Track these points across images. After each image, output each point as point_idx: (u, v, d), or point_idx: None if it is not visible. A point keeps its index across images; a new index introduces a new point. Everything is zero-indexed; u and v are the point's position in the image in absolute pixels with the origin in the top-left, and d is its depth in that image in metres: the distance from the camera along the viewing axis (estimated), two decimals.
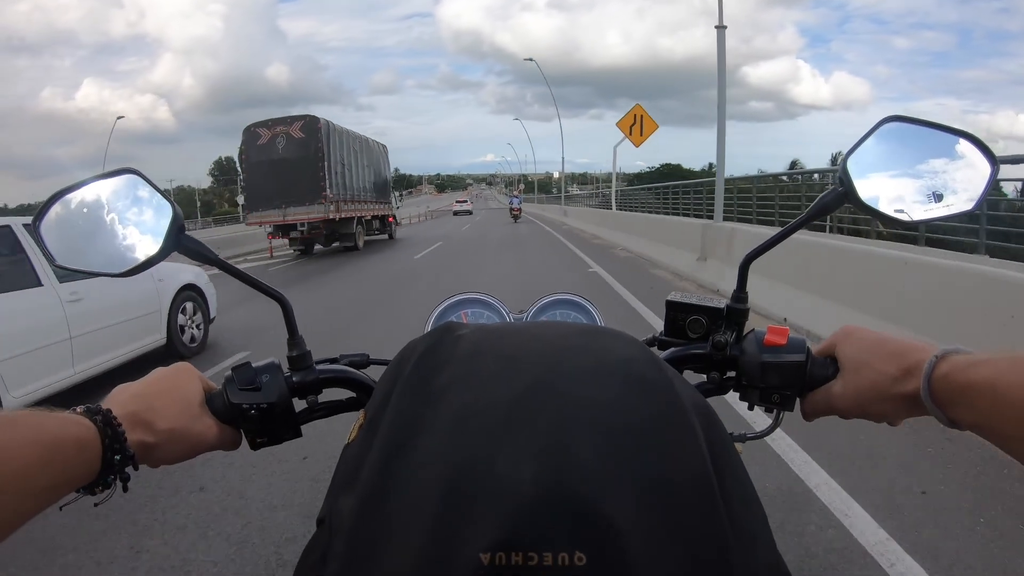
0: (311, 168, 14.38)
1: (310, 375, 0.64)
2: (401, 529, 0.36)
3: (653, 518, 0.35)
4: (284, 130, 14.55)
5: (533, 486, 0.35)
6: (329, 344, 8.67)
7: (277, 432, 0.62)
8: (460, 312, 0.87)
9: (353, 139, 17.12)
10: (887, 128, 0.59)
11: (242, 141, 15.16)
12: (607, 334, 0.53)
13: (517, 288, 8.46)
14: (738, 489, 0.42)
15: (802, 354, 0.59)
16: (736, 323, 0.65)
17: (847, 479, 2.79)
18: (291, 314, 0.66)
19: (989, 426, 0.44)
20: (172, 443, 0.56)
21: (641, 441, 0.39)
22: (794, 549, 2.29)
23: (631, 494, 0.36)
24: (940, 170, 0.57)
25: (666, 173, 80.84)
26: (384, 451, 0.40)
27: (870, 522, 2.42)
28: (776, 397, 0.60)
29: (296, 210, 14.37)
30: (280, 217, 14.32)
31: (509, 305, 0.89)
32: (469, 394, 0.43)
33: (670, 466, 0.38)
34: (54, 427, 0.43)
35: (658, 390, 0.43)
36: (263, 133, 14.83)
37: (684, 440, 0.40)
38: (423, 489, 0.37)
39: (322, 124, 14.86)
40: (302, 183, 14.24)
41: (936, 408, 0.48)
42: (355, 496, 0.40)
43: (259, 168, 14.79)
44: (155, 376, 0.59)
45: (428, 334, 0.53)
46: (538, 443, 0.38)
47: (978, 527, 2.37)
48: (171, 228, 0.57)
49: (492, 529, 0.34)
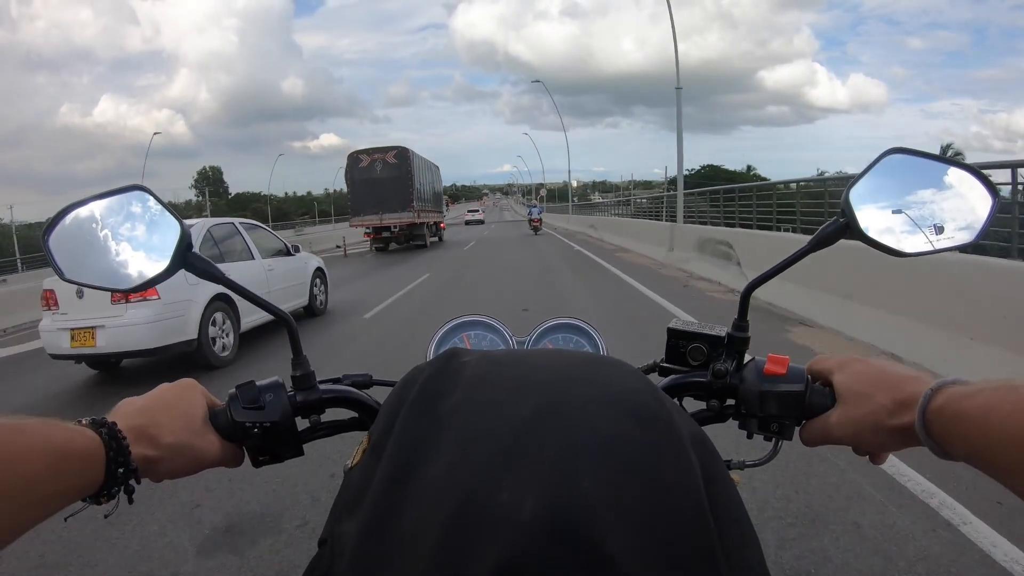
0: (402, 185, 19.56)
1: (313, 395, 0.63)
2: (404, 553, 0.35)
3: (649, 549, 0.34)
4: (381, 157, 19.98)
5: (534, 513, 0.34)
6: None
7: (279, 450, 0.60)
8: (462, 335, 0.85)
9: (424, 162, 22.43)
10: (889, 160, 0.57)
11: (347, 165, 20.45)
12: (608, 364, 0.51)
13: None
14: (733, 521, 0.40)
15: (801, 384, 0.56)
16: (737, 351, 0.62)
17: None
18: (296, 334, 0.63)
19: (983, 457, 0.41)
20: (175, 458, 0.53)
21: (639, 472, 0.38)
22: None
23: (628, 523, 0.35)
24: (942, 202, 0.56)
25: (709, 175, 69.11)
26: (389, 475, 0.40)
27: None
28: (775, 426, 0.58)
29: (390, 216, 19.46)
30: (378, 221, 19.51)
31: (512, 328, 0.85)
32: (474, 421, 0.42)
33: (666, 497, 0.37)
34: (61, 437, 0.42)
35: (658, 422, 0.42)
36: (364, 158, 20.13)
37: (680, 472, 0.39)
38: (427, 513, 0.36)
39: (410, 153, 20.30)
40: (395, 196, 19.36)
41: (930, 440, 0.45)
42: (359, 519, 0.39)
43: (361, 185, 19.92)
44: (160, 391, 0.57)
45: (433, 360, 0.51)
46: (541, 472, 0.37)
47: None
48: (179, 246, 0.55)
49: (494, 555, 0.33)
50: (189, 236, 0.56)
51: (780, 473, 2.66)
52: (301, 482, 2.85)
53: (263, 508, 2.70)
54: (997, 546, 2.09)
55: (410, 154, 20.70)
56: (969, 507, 2.33)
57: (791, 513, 2.38)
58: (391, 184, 19.78)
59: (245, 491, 2.84)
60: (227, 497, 2.81)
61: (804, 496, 2.51)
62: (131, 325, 4.79)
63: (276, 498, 2.77)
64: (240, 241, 6.37)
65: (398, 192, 19.74)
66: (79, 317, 4.82)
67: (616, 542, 0.34)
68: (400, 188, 19.84)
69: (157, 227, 0.56)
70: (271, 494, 2.81)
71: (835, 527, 2.27)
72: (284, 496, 2.78)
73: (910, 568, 2.00)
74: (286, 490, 2.82)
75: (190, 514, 2.69)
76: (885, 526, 2.27)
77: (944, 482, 2.51)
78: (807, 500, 2.48)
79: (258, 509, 2.70)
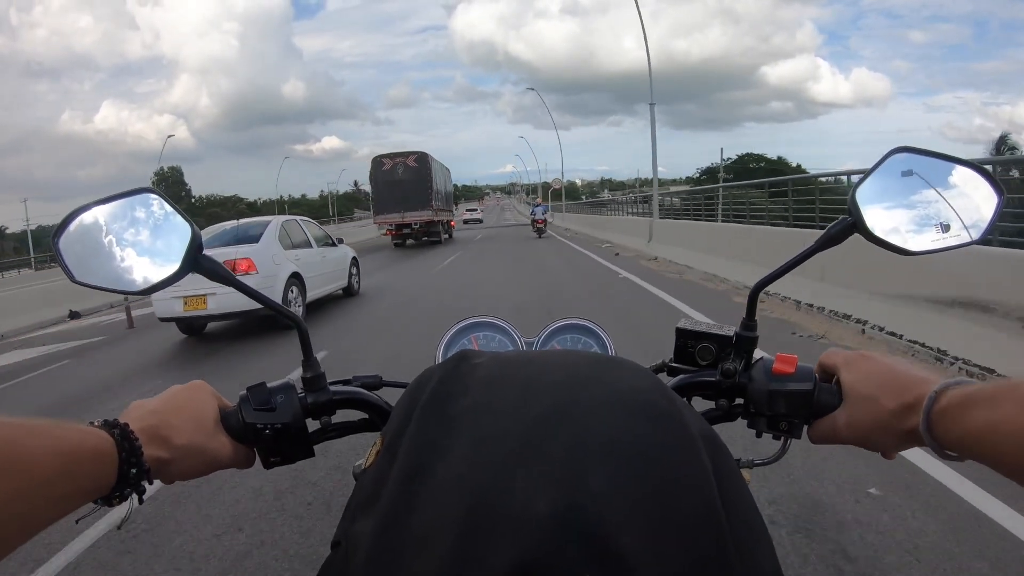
0: (422, 186, 20.12)
1: (324, 396, 0.59)
2: (419, 553, 0.34)
3: (661, 546, 0.33)
4: (402, 160, 20.71)
5: (548, 513, 0.33)
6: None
7: (290, 452, 0.56)
8: (471, 336, 0.82)
9: (439, 166, 22.68)
10: (895, 159, 0.55)
11: (371, 167, 20.91)
12: (618, 363, 0.48)
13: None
14: (745, 518, 0.38)
15: (810, 383, 0.53)
16: (745, 351, 0.58)
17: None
18: (307, 337, 0.58)
19: (990, 458, 0.40)
20: (187, 459, 0.50)
21: (651, 471, 0.36)
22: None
23: (640, 522, 0.33)
24: (948, 200, 0.55)
25: (746, 165, 55.14)
26: (403, 476, 0.38)
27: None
28: (784, 425, 0.55)
29: (411, 214, 19.99)
30: (400, 218, 20.09)
31: (521, 328, 0.80)
32: (486, 422, 0.40)
33: (678, 496, 0.35)
34: (74, 438, 0.40)
35: (668, 420, 0.40)
36: (387, 162, 20.74)
37: (692, 470, 0.37)
38: (441, 513, 0.35)
39: (429, 157, 20.88)
40: (415, 196, 19.90)
41: (935, 443, 0.43)
42: (374, 519, 0.37)
43: (384, 186, 20.41)
44: (171, 393, 0.52)
45: (444, 362, 0.47)
46: (553, 471, 0.35)
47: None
48: (189, 248, 0.51)
49: (507, 554, 0.32)
50: (199, 238, 0.50)
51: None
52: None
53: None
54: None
55: (429, 158, 20.95)
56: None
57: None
58: (411, 185, 20.14)
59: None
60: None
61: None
62: (236, 293, 6.39)
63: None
64: (302, 232, 7.16)
65: (418, 192, 20.13)
66: (192, 287, 5.62)
67: (628, 539, 0.32)
68: (420, 189, 20.20)
69: (167, 229, 0.52)
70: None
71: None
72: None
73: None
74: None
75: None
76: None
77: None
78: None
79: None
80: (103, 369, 5.59)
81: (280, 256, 6.40)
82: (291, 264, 6.61)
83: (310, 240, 7.50)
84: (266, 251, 6.28)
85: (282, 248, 6.54)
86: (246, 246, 6.17)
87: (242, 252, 6.05)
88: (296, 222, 7.49)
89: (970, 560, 1.80)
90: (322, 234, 7.99)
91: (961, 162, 0.54)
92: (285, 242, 6.71)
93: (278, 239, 6.53)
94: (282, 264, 6.27)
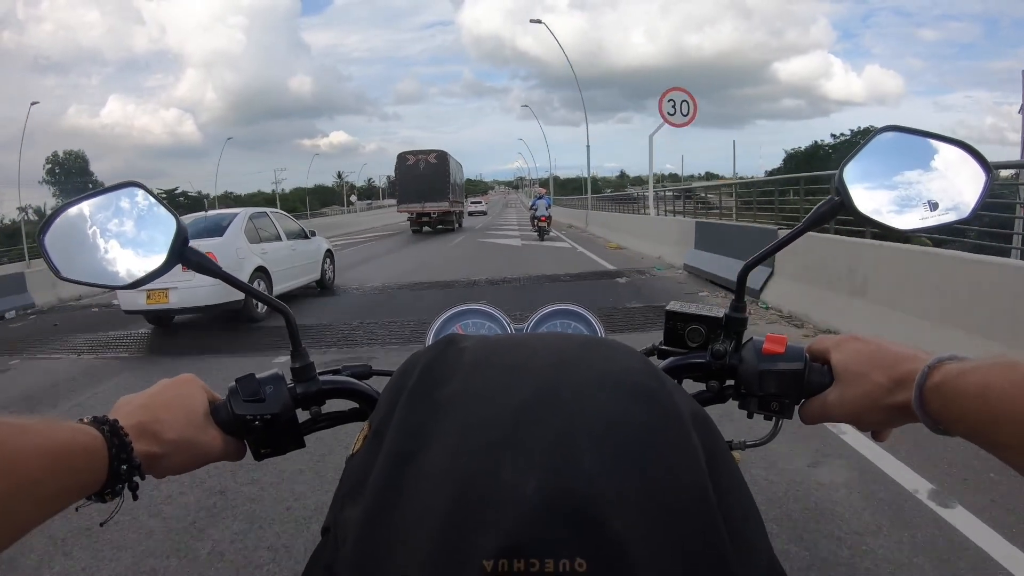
0: (441, 180, 22.79)
1: (313, 386, 0.58)
2: (408, 537, 0.33)
3: (652, 527, 0.32)
4: (424, 157, 23.47)
5: (536, 495, 0.32)
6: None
7: (281, 443, 0.55)
8: (460, 323, 0.81)
9: (456, 162, 25.52)
10: (884, 138, 0.54)
11: (396, 163, 23.77)
12: (607, 345, 0.47)
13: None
14: (735, 498, 0.38)
15: (800, 362, 0.52)
16: (735, 332, 0.57)
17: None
18: (294, 326, 0.57)
19: (981, 434, 0.39)
20: (178, 454, 0.49)
21: (641, 452, 0.36)
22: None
23: (631, 503, 0.33)
24: (936, 179, 0.54)
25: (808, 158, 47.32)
26: (390, 461, 0.37)
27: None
28: (775, 405, 0.54)
29: (430, 204, 22.68)
30: (420, 208, 22.75)
31: (510, 314, 0.82)
32: (474, 405, 0.39)
33: (669, 476, 0.35)
34: (63, 436, 0.40)
35: (657, 401, 0.39)
36: (410, 158, 23.54)
37: (682, 451, 0.37)
38: (429, 498, 0.34)
39: (448, 155, 23.73)
40: (434, 188, 22.64)
41: (927, 417, 0.43)
42: (362, 505, 0.37)
43: (408, 180, 22.98)
44: (160, 387, 0.51)
45: (431, 346, 0.46)
46: (542, 453, 0.35)
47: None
48: (175, 241, 0.49)
49: (496, 536, 0.31)
50: (186, 231, 0.49)
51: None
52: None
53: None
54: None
55: (447, 156, 23.98)
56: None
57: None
58: (432, 179, 22.85)
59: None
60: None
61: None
62: (198, 287, 5.52)
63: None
64: (271, 225, 7.05)
65: (437, 185, 22.88)
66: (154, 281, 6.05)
67: (618, 519, 0.32)
68: (439, 182, 22.97)
69: (152, 222, 0.51)
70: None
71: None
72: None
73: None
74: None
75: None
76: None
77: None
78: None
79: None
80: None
81: (245, 250, 6.34)
82: (257, 258, 6.58)
83: (280, 233, 7.43)
84: (230, 244, 6.22)
85: (247, 242, 6.47)
86: (210, 239, 6.10)
87: (205, 245, 5.97)
88: (267, 215, 7.40)
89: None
90: (296, 228, 7.93)
91: (949, 140, 0.54)
92: (252, 236, 6.69)
93: (244, 232, 6.45)
94: (247, 258, 6.24)
